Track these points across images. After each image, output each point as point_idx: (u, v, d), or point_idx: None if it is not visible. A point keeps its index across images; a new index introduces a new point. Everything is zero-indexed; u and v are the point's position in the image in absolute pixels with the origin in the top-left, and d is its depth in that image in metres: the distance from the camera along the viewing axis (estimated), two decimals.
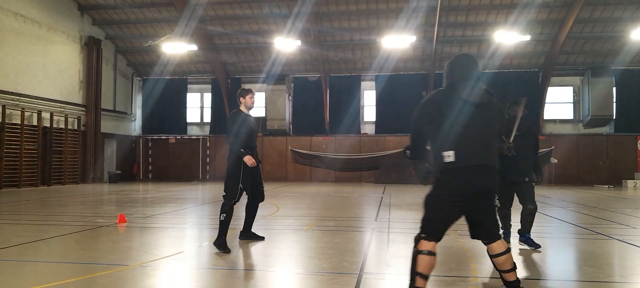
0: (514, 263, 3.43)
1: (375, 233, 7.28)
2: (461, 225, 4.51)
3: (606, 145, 22.68)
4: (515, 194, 5.85)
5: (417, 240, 3.33)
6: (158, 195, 14.61)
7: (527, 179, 5.67)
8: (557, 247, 6.61)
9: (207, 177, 24.94)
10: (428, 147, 3.45)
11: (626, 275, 4.92)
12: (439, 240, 3.35)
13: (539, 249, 5.79)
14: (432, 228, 3.35)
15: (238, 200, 6.09)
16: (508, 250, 3.40)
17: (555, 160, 22.29)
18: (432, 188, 3.42)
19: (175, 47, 21.77)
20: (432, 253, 3.26)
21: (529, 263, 5.21)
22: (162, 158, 25.39)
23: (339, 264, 5.05)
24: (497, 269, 3.50)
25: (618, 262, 5.59)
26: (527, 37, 20.78)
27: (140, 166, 25.48)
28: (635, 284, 4.47)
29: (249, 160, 6.00)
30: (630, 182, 20.98)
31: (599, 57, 22.49)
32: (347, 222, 8.63)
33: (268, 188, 17.59)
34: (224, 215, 5.90)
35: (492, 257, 3.42)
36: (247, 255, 5.74)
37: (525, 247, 5.88)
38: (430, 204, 3.40)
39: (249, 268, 5.07)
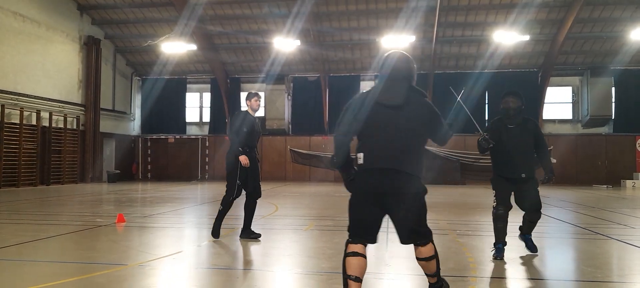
0: (438, 268, 3.40)
1: None
2: (460, 224, 4.52)
3: (605, 145, 22.70)
4: (512, 193, 5.39)
5: (346, 244, 3.30)
6: (157, 195, 14.60)
7: (524, 175, 5.19)
8: (556, 247, 6.62)
9: (206, 176, 24.93)
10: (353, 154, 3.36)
11: (625, 275, 4.93)
12: (366, 242, 3.29)
13: (536, 254, 5.46)
14: (354, 229, 3.33)
15: (236, 197, 6.23)
16: (432, 257, 3.32)
17: (554, 160, 22.28)
18: (352, 191, 3.39)
19: (175, 47, 21.76)
20: (357, 255, 3.20)
21: (528, 263, 5.21)
22: (161, 158, 25.38)
23: (337, 264, 5.03)
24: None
25: (616, 261, 5.59)
26: (527, 37, 20.80)
27: (139, 166, 25.47)
28: (634, 284, 4.47)
29: (243, 159, 6.19)
30: (629, 182, 21.01)
31: (598, 57, 22.51)
32: (346, 222, 8.60)
33: (267, 188, 17.64)
34: (222, 207, 6.33)
35: (417, 259, 3.36)
36: (246, 255, 5.74)
37: (523, 248, 5.56)
38: (350, 207, 3.39)
39: (248, 268, 5.07)
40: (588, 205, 11.95)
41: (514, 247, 5.82)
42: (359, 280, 3.18)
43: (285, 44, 21.05)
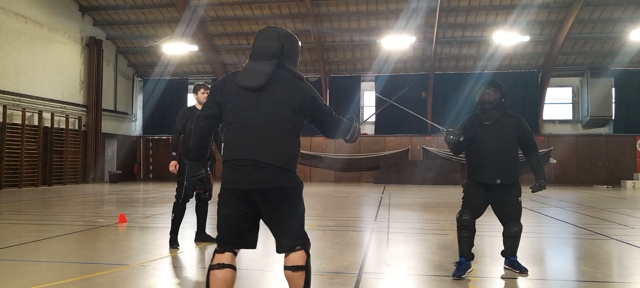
0: (307, 285, 2.75)
1: (375, 233, 7.30)
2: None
3: (605, 146, 22.70)
4: (486, 201, 4.58)
5: (213, 254, 2.76)
6: (158, 195, 14.62)
7: (499, 181, 4.39)
8: (556, 247, 6.64)
9: None
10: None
11: (625, 275, 4.94)
12: (235, 248, 2.76)
13: (526, 274, 4.55)
14: (220, 235, 2.80)
15: (183, 199, 5.94)
16: (301, 268, 2.70)
17: (554, 161, 22.33)
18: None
19: (176, 48, 21.79)
20: (222, 266, 2.68)
21: (529, 264, 5.22)
22: (163, 158, 25.36)
23: (338, 264, 5.07)
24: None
25: (617, 262, 5.60)
26: (527, 38, 20.81)
27: (141, 166, 25.51)
28: (634, 284, 4.49)
29: (171, 166, 5.86)
30: (629, 183, 21.01)
31: (598, 57, 22.51)
32: (347, 222, 8.65)
33: None
34: (173, 214, 5.94)
35: (284, 268, 2.75)
36: (246, 255, 5.76)
37: (511, 270, 4.66)
38: (217, 208, 2.84)
39: (248, 268, 5.10)
40: (588, 206, 11.96)
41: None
42: None
43: None
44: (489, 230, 6.74)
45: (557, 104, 23.79)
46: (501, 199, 4.52)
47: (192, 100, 25.89)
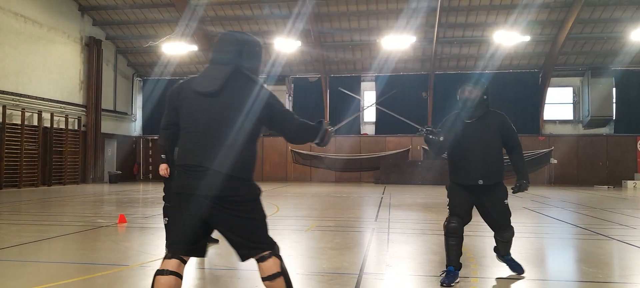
0: (289, 285, 2.70)
1: (375, 233, 7.29)
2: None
3: (606, 146, 22.69)
4: (472, 204, 4.39)
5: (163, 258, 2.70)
6: (158, 196, 14.60)
7: (481, 182, 4.19)
8: (557, 247, 6.63)
9: None
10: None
11: (626, 275, 4.93)
12: (183, 255, 2.65)
13: (523, 276, 4.52)
14: (168, 240, 2.73)
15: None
16: (278, 275, 2.65)
17: (555, 161, 22.31)
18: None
19: (176, 48, 21.78)
20: (168, 273, 2.59)
21: (529, 264, 5.21)
22: None
23: (339, 264, 5.06)
24: None
25: (618, 262, 5.59)
26: (527, 38, 20.81)
27: (140, 166, 25.50)
28: (635, 284, 4.47)
29: (161, 169, 5.27)
30: (630, 183, 20.99)
31: (598, 57, 22.50)
32: (347, 223, 8.64)
33: (268, 188, 17.64)
34: (165, 218, 5.63)
35: (261, 279, 2.67)
36: None
37: (522, 248, 4.81)
38: (170, 213, 2.76)
39: (248, 269, 5.07)
40: (589, 206, 11.94)
41: (514, 248, 5.80)
42: None
43: (286, 45, 21.07)
44: (489, 230, 6.72)
45: (558, 104, 23.78)
46: (486, 203, 4.31)
47: None
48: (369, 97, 24.77)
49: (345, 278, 4.53)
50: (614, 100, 22.68)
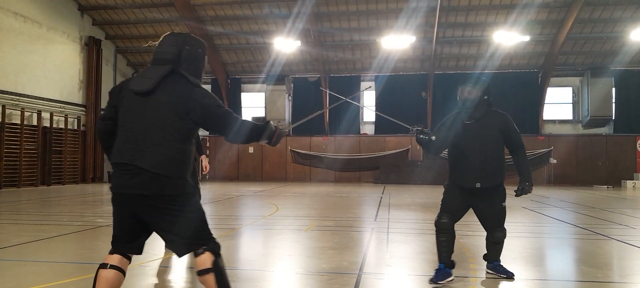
0: (222, 284, 2.70)
1: (375, 233, 7.29)
2: (461, 224, 4.53)
3: (605, 146, 22.70)
4: (467, 205, 4.32)
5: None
6: None
7: (479, 185, 4.10)
8: (556, 247, 6.63)
9: (207, 177, 24.93)
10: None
11: (625, 275, 4.93)
12: (123, 251, 2.76)
13: (512, 278, 4.36)
14: (113, 237, 2.81)
15: None
16: (209, 271, 2.66)
17: (555, 161, 22.32)
18: None
19: None
20: (107, 267, 2.70)
21: (529, 264, 5.22)
22: None
23: (338, 264, 5.06)
24: None
25: (617, 262, 5.59)
26: (527, 38, 20.82)
27: None
28: (635, 284, 4.48)
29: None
30: (629, 183, 21.01)
31: (598, 57, 22.51)
32: (347, 222, 8.64)
33: (267, 188, 17.66)
34: None
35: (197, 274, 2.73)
36: (246, 255, 5.75)
37: (494, 274, 4.46)
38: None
39: (248, 268, 5.08)
40: (588, 206, 11.95)
41: (513, 247, 5.82)
42: None
43: (285, 45, 21.07)
44: None
45: (558, 103, 23.79)
46: (483, 205, 4.24)
47: None
48: (368, 97, 24.76)
49: (344, 277, 4.53)
50: (614, 100, 22.69)
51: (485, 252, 4.49)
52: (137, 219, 2.74)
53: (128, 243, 2.78)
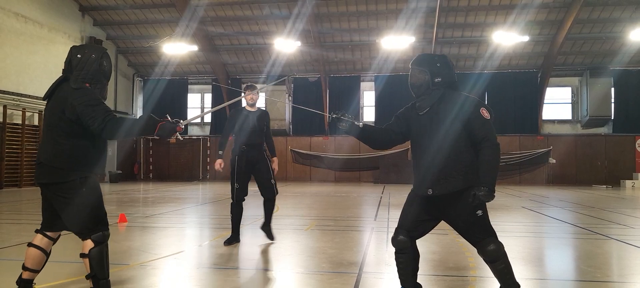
0: (95, 271, 3.28)
1: (375, 232, 7.31)
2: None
3: (604, 146, 22.72)
4: (428, 217, 3.49)
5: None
6: (158, 195, 14.64)
7: (431, 192, 3.27)
8: (556, 247, 6.65)
9: (207, 177, 24.97)
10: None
11: (625, 275, 4.95)
12: (44, 230, 3.54)
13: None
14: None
15: (237, 200, 6.06)
16: (85, 255, 3.30)
17: (554, 160, 22.34)
18: None
19: (176, 48, 21.81)
20: (31, 245, 3.52)
21: (528, 264, 5.24)
22: (163, 158, 25.43)
23: (338, 263, 5.09)
24: None
25: (616, 261, 5.61)
26: (526, 38, 20.85)
27: (141, 166, 25.52)
28: (634, 284, 4.50)
29: (216, 164, 6.18)
30: (628, 182, 21.02)
31: (597, 57, 22.54)
32: (347, 222, 8.67)
33: None
34: (231, 214, 6.15)
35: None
36: (246, 255, 5.78)
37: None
38: None
39: (248, 268, 5.11)
40: (588, 205, 11.97)
41: (512, 248, 5.85)
42: (33, 271, 3.52)
43: (285, 45, 21.10)
44: None
45: (557, 103, 23.82)
46: (450, 217, 3.35)
47: (192, 100, 25.67)
48: (368, 97, 24.81)
49: (344, 277, 4.56)
50: (613, 100, 22.72)
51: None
52: (48, 204, 3.48)
53: (47, 224, 3.55)
